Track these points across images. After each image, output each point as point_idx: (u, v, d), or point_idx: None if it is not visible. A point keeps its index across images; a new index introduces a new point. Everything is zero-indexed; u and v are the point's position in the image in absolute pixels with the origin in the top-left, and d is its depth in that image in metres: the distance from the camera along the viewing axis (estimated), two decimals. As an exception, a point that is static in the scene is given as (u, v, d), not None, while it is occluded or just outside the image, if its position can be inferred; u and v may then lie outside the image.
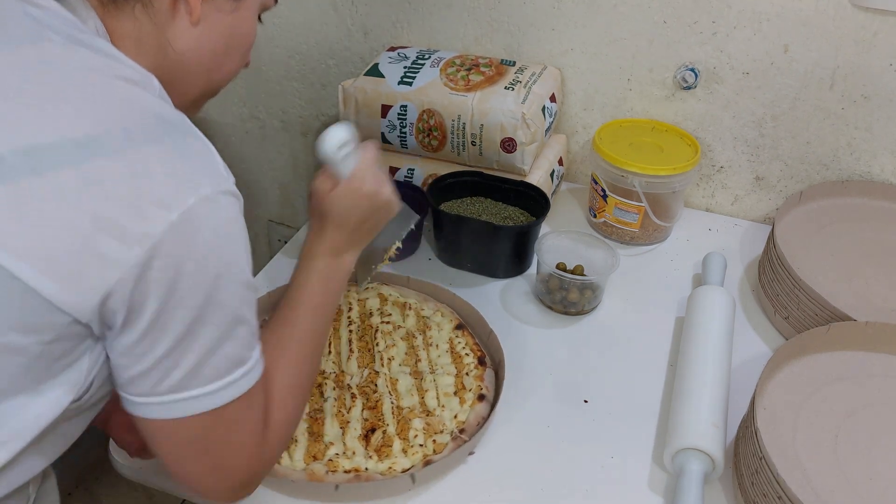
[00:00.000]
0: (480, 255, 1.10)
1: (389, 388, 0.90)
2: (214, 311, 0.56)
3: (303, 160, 1.57)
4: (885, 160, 1.15)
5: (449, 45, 1.30)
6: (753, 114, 1.18)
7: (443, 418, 0.86)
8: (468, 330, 0.98)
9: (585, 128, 1.30)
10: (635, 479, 0.82)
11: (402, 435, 0.83)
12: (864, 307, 0.96)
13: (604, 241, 1.08)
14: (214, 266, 0.55)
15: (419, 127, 1.16)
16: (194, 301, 0.54)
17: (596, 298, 1.05)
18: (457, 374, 0.91)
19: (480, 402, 0.87)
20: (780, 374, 0.87)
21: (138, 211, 0.52)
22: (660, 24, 1.15)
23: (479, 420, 0.86)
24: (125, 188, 0.52)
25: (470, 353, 0.94)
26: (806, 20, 1.08)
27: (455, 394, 0.89)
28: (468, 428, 0.85)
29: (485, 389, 0.89)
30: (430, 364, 0.93)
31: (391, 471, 0.80)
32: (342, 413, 0.87)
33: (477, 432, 0.84)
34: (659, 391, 0.93)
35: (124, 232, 0.51)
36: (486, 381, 0.90)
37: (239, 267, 0.57)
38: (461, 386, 0.90)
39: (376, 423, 0.85)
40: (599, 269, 1.05)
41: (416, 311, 1.01)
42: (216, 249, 0.55)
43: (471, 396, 0.88)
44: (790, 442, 0.79)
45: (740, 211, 1.28)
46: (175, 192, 0.53)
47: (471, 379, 0.90)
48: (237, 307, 0.58)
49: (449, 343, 0.96)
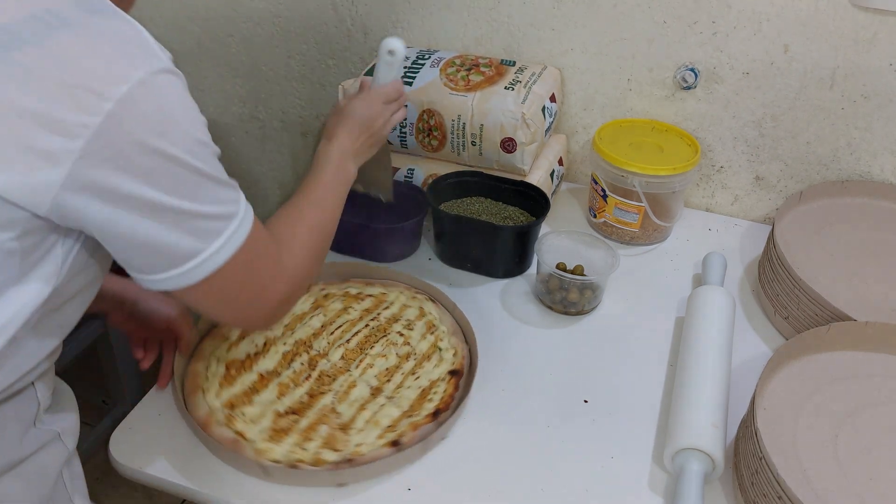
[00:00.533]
0: (480, 255, 1.10)
1: (342, 389, 0.90)
2: (176, 183, 0.57)
3: (303, 160, 1.57)
4: (885, 160, 1.15)
5: (449, 45, 1.30)
6: (753, 114, 1.18)
7: (349, 439, 0.83)
8: (458, 381, 0.91)
9: (585, 128, 1.30)
10: (635, 479, 0.82)
11: (305, 434, 0.83)
12: (864, 307, 0.96)
13: (604, 241, 1.08)
14: (162, 145, 0.55)
15: (419, 127, 1.16)
16: (150, 179, 0.55)
17: (596, 298, 1.05)
18: (404, 412, 0.87)
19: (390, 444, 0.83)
20: (780, 374, 0.87)
21: (73, 101, 0.52)
22: (660, 24, 1.15)
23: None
24: (55, 79, 0.51)
25: (438, 401, 0.88)
26: (806, 20, 1.08)
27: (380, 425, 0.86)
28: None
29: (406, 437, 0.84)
30: (396, 390, 0.90)
31: (320, 461, 0.80)
32: (289, 386, 0.89)
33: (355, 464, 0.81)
34: (659, 391, 0.93)
35: (62, 125, 0.51)
36: (419, 432, 0.85)
37: (189, 139, 0.58)
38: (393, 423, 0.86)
39: (301, 411, 0.86)
40: (599, 269, 1.05)
41: (437, 337, 0.97)
42: (161, 131, 0.55)
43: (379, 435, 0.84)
44: (790, 442, 0.79)
45: (740, 211, 1.28)
46: (107, 78, 0.53)
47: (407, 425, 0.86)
48: (199, 170, 0.58)
49: (430, 384, 0.91)
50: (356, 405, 0.87)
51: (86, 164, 0.52)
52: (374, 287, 1.04)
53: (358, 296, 1.03)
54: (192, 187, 0.58)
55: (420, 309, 1.00)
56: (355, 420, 0.85)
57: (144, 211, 0.56)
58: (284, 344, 0.95)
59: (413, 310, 1.00)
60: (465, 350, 0.95)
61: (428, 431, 0.84)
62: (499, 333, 1.01)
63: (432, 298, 1.02)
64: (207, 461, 0.83)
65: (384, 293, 1.03)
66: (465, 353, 0.95)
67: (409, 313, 1.00)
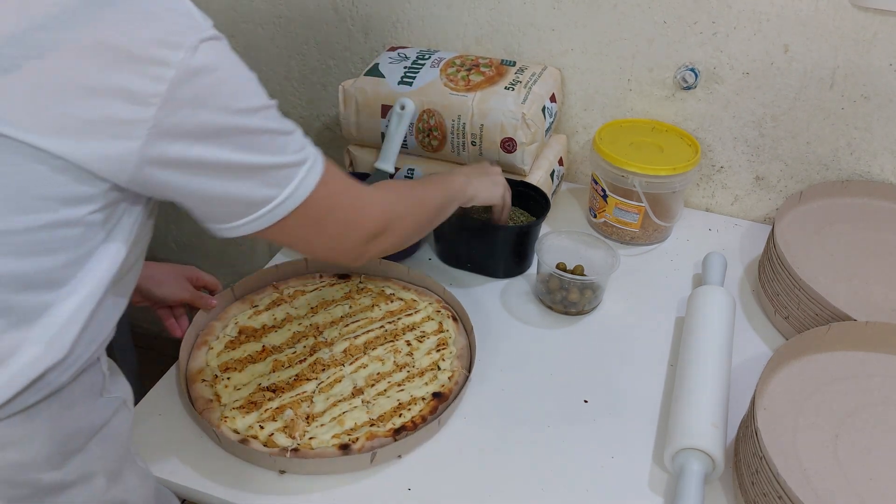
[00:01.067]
0: (480, 255, 1.10)
1: (327, 380, 0.90)
2: (244, 141, 0.60)
3: (303, 160, 1.57)
4: (885, 160, 1.15)
5: (449, 45, 1.30)
6: (753, 114, 1.18)
7: (307, 430, 0.84)
8: (439, 404, 0.88)
9: (585, 128, 1.30)
10: (635, 479, 0.82)
11: (272, 414, 0.85)
12: (864, 307, 0.96)
13: (604, 241, 1.08)
14: (226, 105, 0.58)
15: (419, 127, 1.16)
16: (219, 140, 0.59)
17: (596, 298, 1.05)
18: (370, 420, 0.86)
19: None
20: (780, 374, 0.87)
21: (139, 71, 0.54)
22: (660, 24, 1.15)
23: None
24: (119, 51, 0.54)
25: (408, 419, 0.86)
26: (806, 20, 1.08)
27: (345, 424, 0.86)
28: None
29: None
30: (375, 397, 0.89)
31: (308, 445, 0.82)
32: (283, 364, 0.92)
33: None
34: (659, 391, 0.93)
35: (134, 95, 0.54)
36: (372, 443, 0.83)
37: (247, 97, 0.61)
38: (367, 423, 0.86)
39: (280, 391, 0.88)
40: (599, 269, 1.05)
41: (442, 356, 0.95)
42: (222, 93, 0.58)
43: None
44: (790, 442, 0.79)
45: (740, 211, 1.28)
46: (165, 46, 0.55)
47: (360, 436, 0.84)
48: (262, 125, 0.62)
49: (410, 399, 0.89)
50: (331, 400, 0.88)
51: (159, 131, 0.55)
52: (408, 292, 1.05)
53: (391, 296, 1.03)
54: (258, 143, 0.61)
55: (440, 325, 0.99)
56: (323, 414, 0.86)
57: (218, 170, 0.60)
58: (300, 324, 0.98)
59: (433, 323, 1.00)
60: (461, 376, 0.93)
61: (382, 444, 0.82)
62: (499, 333, 1.01)
63: (455, 317, 1.01)
64: (211, 460, 0.83)
65: (415, 300, 1.03)
66: (460, 378, 0.92)
67: (428, 326, 0.99)
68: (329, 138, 1.51)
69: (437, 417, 0.85)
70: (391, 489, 0.80)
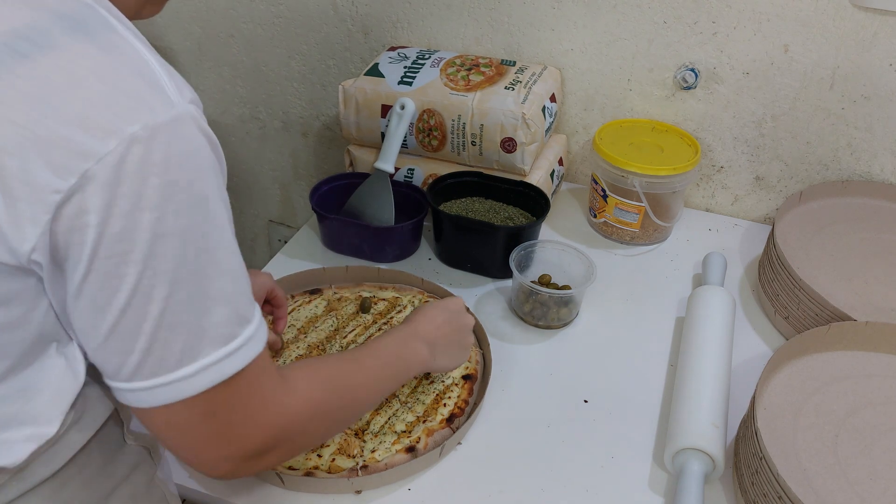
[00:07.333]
0: (480, 256, 1.10)
1: None
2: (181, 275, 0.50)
3: (303, 160, 1.57)
4: (885, 160, 1.15)
5: (449, 45, 1.30)
6: (753, 114, 1.18)
7: (364, 444, 0.83)
8: (472, 385, 0.91)
9: (585, 128, 1.30)
10: (635, 479, 0.82)
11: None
12: (864, 307, 0.96)
13: (576, 249, 1.05)
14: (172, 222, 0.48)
15: (419, 127, 1.16)
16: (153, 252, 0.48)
17: (571, 314, 1.02)
18: (419, 417, 0.86)
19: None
20: (780, 374, 0.87)
21: (45, 157, 0.44)
22: (660, 24, 1.15)
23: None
24: (22, 127, 0.44)
25: (452, 406, 0.87)
26: (806, 20, 1.08)
27: None
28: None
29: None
30: (411, 395, 0.89)
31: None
32: None
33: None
34: (659, 391, 0.93)
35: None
36: (434, 437, 0.84)
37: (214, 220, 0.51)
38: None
39: None
40: (578, 281, 1.03)
41: None
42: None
43: None
44: (790, 442, 0.79)
45: (740, 211, 1.28)
46: (113, 121, 0.44)
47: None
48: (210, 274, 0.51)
49: (444, 388, 0.90)
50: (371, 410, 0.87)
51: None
52: (386, 291, 1.04)
53: (371, 299, 1.03)
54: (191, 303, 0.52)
55: None
56: (370, 425, 0.85)
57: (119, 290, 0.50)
58: (297, 347, 0.95)
59: None
60: (478, 354, 0.95)
61: (443, 437, 0.84)
62: (499, 333, 1.01)
63: None
64: (276, 502, 0.80)
65: (397, 297, 1.03)
66: (478, 357, 0.94)
67: None
68: (329, 138, 1.51)
69: (482, 398, 0.88)
70: (403, 494, 0.80)
